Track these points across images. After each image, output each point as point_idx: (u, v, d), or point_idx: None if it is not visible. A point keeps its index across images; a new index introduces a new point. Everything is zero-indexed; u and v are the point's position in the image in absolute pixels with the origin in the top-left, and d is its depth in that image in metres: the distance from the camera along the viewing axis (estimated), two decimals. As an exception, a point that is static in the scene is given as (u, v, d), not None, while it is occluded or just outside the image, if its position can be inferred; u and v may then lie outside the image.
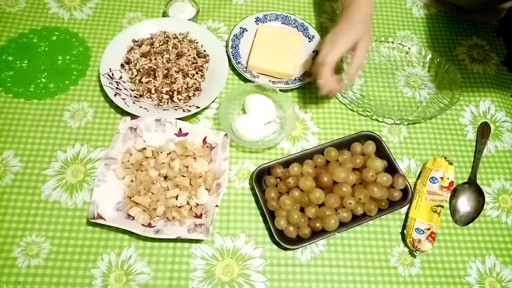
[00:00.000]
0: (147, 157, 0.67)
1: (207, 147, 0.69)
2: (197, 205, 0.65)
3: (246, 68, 0.79)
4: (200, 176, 0.66)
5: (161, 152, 0.67)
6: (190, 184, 0.66)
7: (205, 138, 0.69)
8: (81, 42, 0.80)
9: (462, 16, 0.91)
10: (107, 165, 0.65)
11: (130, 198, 0.64)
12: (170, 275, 0.61)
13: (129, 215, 0.63)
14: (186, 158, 0.67)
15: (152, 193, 0.64)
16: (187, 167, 0.67)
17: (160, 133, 0.69)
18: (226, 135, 0.68)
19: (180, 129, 0.69)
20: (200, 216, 0.64)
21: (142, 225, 0.62)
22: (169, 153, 0.68)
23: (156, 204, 0.64)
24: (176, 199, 0.64)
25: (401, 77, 0.83)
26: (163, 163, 0.67)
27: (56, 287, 0.59)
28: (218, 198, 0.63)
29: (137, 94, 0.74)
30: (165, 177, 0.67)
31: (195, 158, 0.68)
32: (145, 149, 0.68)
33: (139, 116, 0.68)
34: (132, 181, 0.66)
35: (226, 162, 0.66)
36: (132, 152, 0.67)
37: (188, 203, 0.65)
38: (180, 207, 0.64)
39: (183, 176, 0.66)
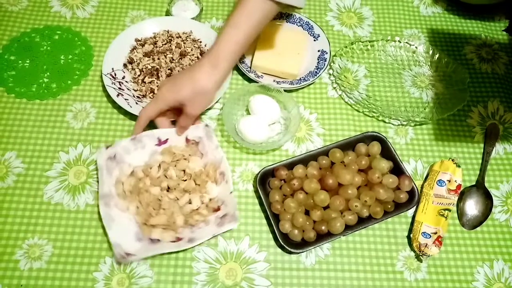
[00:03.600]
0: (140, 179, 0.65)
1: (192, 143, 0.68)
2: (211, 200, 0.64)
3: (250, 68, 0.77)
4: (201, 173, 0.65)
5: (151, 168, 0.65)
6: (196, 184, 0.65)
7: (186, 137, 0.68)
8: (83, 41, 0.79)
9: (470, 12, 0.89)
10: (106, 204, 0.61)
11: (146, 223, 0.62)
12: (173, 278, 0.60)
13: (151, 239, 0.61)
14: (178, 163, 0.66)
15: (164, 209, 0.63)
16: (184, 170, 0.66)
17: (140, 150, 0.66)
18: (206, 125, 0.67)
19: (158, 138, 0.67)
20: (218, 209, 0.63)
21: (172, 241, 0.60)
22: (159, 165, 0.66)
23: (173, 217, 0.62)
24: (190, 203, 0.63)
25: (408, 77, 0.81)
26: (158, 177, 0.65)
27: (58, 290, 0.59)
28: (229, 184, 0.62)
29: (140, 94, 0.73)
30: (168, 189, 0.65)
31: (186, 159, 0.67)
32: (133, 172, 0.65)
33: (110, 145, 0.65)
34: (137, 207, 0.63)
35: (218, 149, 0.65)
36: (123, 180, 0.64)
37: (202, 202, 0.64)
38: (197, 209, 0.63)
39: (184, 180, 0.65)
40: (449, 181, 0.67)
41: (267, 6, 0.63)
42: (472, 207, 0.69)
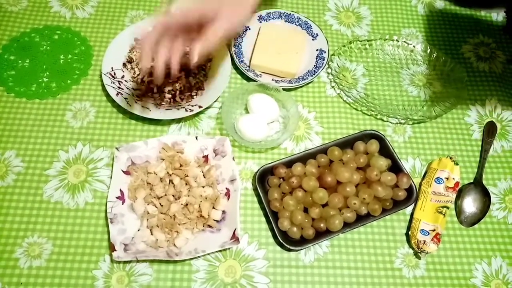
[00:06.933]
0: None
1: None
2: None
3: (249, 67, 0.78)
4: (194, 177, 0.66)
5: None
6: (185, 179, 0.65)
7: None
8: (83, 41, 0.79)
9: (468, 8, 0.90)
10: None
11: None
12: (172, 276, 0.61)
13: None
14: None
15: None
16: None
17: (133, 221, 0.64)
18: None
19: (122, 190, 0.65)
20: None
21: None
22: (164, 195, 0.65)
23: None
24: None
25: (406, 75, 0.82)
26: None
27: (58, 288, 0.59)
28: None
29: (139, 94, 0.73)
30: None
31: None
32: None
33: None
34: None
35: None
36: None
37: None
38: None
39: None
40: (447, 178, 0.67)
41: None
42: (470, 204, 0.69)
